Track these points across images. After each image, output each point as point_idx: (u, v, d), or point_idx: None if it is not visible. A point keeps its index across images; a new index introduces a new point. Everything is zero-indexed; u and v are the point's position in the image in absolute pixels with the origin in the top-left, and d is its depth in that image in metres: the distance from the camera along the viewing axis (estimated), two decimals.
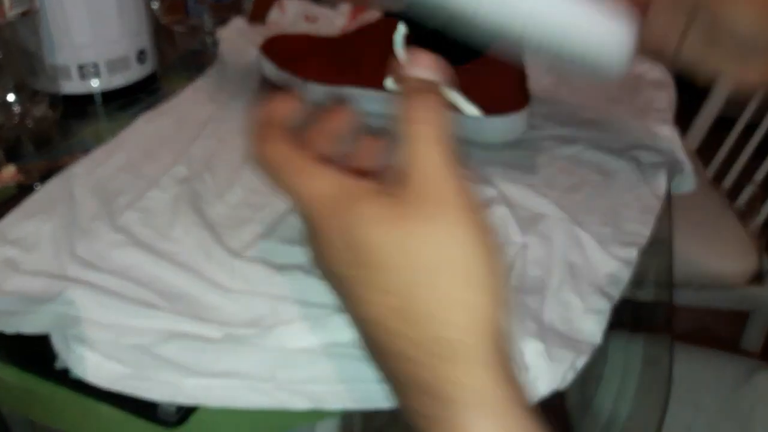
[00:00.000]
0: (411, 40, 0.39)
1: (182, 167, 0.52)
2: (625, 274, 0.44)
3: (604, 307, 0.41)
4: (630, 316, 0.42)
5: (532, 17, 0.34)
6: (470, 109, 0.56)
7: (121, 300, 0.39)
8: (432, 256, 0.25)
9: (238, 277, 0.41)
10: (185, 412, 0.34)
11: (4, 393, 0.36)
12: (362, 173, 0.29)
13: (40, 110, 0.54)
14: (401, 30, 0.39)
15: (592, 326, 0.39)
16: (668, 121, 0.64)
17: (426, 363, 0.25)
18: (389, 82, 0.31)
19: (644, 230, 0.48)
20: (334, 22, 0.80)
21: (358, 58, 0.59)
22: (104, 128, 0.60)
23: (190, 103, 0.62)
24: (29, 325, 0.37)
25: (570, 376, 0.36)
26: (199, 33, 0.83)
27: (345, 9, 0.83)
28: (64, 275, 0.40)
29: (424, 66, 0.29)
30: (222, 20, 0.82)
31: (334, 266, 0.27)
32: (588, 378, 0.37)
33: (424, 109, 0.27)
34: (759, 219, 1.12)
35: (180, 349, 0.36)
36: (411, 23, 0.41)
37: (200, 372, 0.35)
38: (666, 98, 0.69)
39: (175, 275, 0.41)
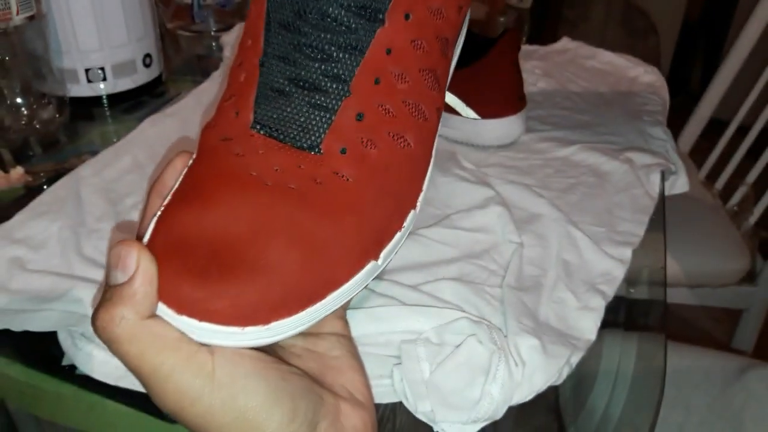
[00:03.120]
0: None
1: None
2: (619, 273, 0.44)
3: (599, 304, 0.41)
4: (623, 315, 0.42)
5: None
6: (468, 112, 0.57)
7: None
8: None
9: None
10: None
11: (10, 390, 0.36)
12: None
13: (48, 113, 0.55)
14: None
15: (587, 323, 0.40)
16: (661, 123, 0.65)
17: None
18: None
19: (638, 230, 0.49)
20: None
21: None
22: (111, 130, 0.61)
23: (195, 106, 0.63)
24: (36, 323, 0.37)
25: (566, 372, 0.36)
26: (204, 38, 0.83)
27: None
28: (71, 274, 0.41)
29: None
30: (226, 25, 0.83)
31: None
32: (581, 377, 0.37)
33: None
34: (751, 219, 1.13)
35: None
36: None
37: None
38: (659, 100, 0.70)
39: None
